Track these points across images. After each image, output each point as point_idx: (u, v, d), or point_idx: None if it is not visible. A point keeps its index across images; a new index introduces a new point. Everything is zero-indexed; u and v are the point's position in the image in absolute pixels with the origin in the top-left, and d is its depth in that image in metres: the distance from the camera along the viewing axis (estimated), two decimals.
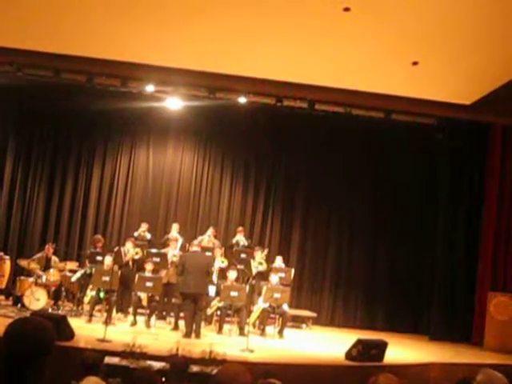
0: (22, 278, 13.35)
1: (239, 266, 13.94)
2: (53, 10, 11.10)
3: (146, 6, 10.64)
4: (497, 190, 15.26)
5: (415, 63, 11.95)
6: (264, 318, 13.11)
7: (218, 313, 13.04)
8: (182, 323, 12.45)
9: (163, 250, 14.09)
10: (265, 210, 16.90)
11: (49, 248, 13.90)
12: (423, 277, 16.21)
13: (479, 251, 15.35)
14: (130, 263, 13.72)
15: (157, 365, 8.62)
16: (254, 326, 13.22)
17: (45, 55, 13.21)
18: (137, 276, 12.71)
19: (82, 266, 14.03)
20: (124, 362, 8.75)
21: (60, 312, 12.63)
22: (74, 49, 12.93)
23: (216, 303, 12.97)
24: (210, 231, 15.15)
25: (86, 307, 13.08)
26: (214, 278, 13.33)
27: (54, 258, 13.83)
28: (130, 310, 13.01)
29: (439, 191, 16.01)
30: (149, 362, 8.81)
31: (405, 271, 16.26)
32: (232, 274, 13.06)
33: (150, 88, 14.31)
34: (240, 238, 15.26)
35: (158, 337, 11.63)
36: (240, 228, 15.72)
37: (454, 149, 15.58)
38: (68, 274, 13.59)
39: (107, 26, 11.66)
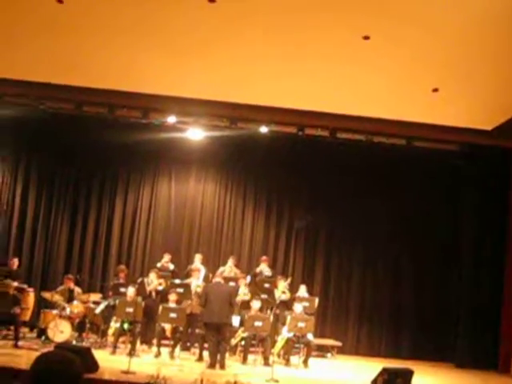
0: (46, 310, 13.35)
1: (263, 296, 13.85)
2: (70, 42, 11.28)
3: (165, 36, 10.75)
4: None
5: (435, 90, 11.96)
6: (288, 348, 13.02)
7: (243, 343, 12.96)
8: (206, 354, 12.38)
9: (186, 281, 14.08)
10: (288, 239, 16.80)
11: (67, 280, 13.79)
12: (449, 304, 16.02)
13: (504, 278, 15.17)
14: (154, 294, 13.71)
15: None
16: (278, 355, 13.15)
17: (65, 88, 13.40)
18: (160, 307, 12.68)
19: (105, 297, 14.02)
20: None
21: (84, 344, 12.60)
22: (94, 81, 13.11)
23: (240, 333, 12.90)
24: (231, 261, 15.10)
25: (110, 339, 13.03)
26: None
27: (78, 290, 13.78)
28: (154, 341, 12.94)
29: (463, 221, 15.95)
30: None
31: (430, 299, 16.09)
32: (256, 304, 12.99)
33: (171, 119, 14.42)
34: (264, 268, 15.08)
35: (183, 368, 11.56)
36: (264, 257, 15.48)
37: (477, 176, 15.50)
38: (92, 305, 13.56)
39: (125, 57, 11.80)
